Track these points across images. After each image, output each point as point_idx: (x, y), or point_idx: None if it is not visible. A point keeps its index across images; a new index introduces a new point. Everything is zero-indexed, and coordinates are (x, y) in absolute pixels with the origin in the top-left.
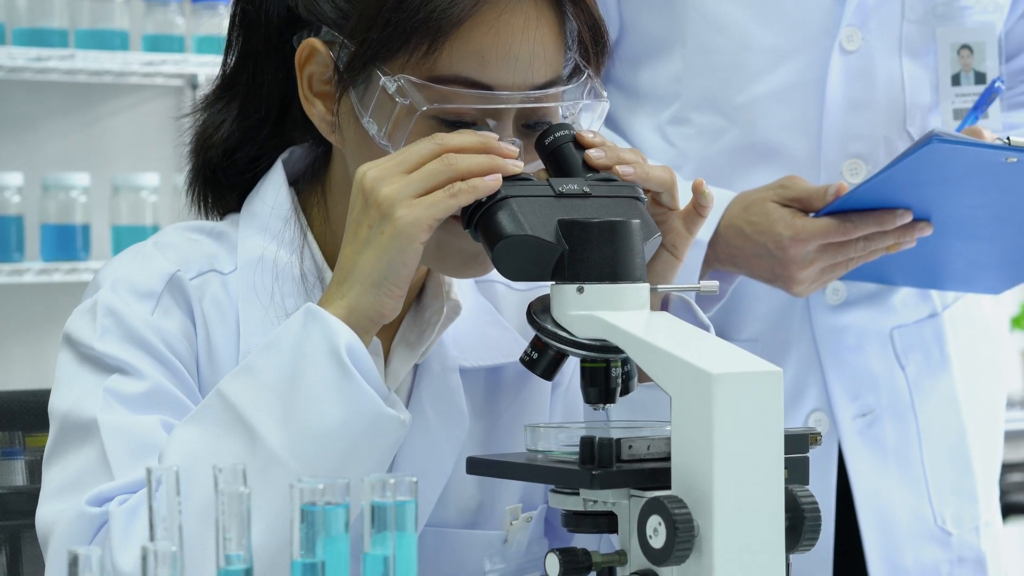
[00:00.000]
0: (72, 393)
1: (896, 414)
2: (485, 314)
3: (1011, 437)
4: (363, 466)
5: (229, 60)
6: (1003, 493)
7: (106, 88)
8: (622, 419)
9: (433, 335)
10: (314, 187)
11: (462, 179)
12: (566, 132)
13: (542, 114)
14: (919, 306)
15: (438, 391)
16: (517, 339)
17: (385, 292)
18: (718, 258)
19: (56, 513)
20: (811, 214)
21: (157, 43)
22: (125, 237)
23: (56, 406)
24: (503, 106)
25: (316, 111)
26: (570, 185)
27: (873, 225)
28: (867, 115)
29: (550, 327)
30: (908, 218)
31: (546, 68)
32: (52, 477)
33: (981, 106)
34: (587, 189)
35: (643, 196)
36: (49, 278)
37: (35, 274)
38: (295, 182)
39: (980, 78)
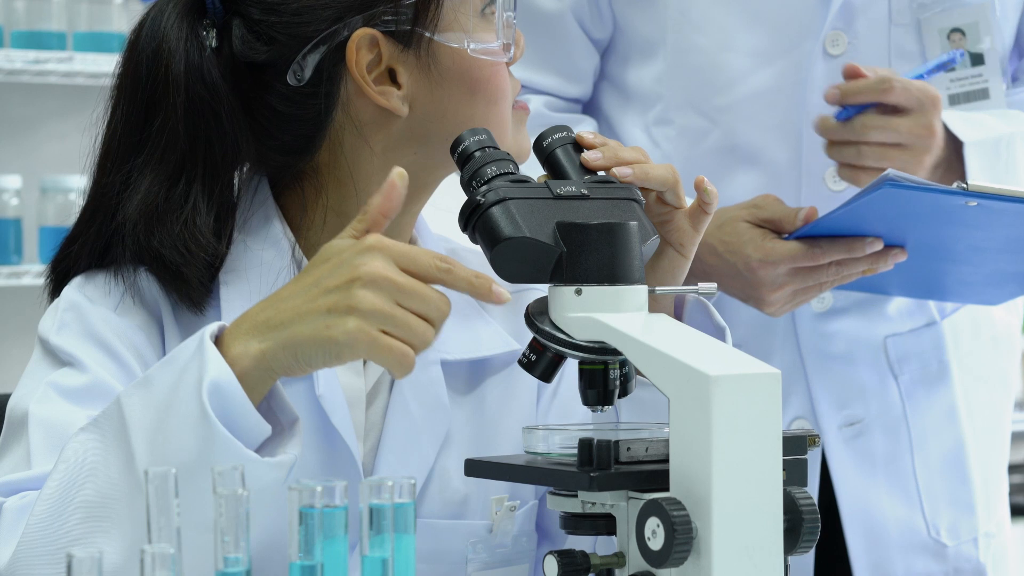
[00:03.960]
0: (24, 388)
1: (887, 424)
2: (468, 307)
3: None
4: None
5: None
6: None
7: (104, 91)
8: (622, 420)
9: None
10: (292, 184)
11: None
12: (565, 134)
13: None
14: (915, 315)
15: (419, 383)
16: (500, 332)
17: (302, 365)
18: (693, 273)
19: None
20: (784, 236)
21: None
22: None
23: (10, 401)
24: None
25: (391, 97)
26: (568, 187)
27: (843, 252)
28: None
29: (548, 329)
30: (878, 246)
31: None
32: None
33: (932, 71)
34: (585, 191)
35: (641, 198)
36: None
37: (33, 277)
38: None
39: (977, 59)
